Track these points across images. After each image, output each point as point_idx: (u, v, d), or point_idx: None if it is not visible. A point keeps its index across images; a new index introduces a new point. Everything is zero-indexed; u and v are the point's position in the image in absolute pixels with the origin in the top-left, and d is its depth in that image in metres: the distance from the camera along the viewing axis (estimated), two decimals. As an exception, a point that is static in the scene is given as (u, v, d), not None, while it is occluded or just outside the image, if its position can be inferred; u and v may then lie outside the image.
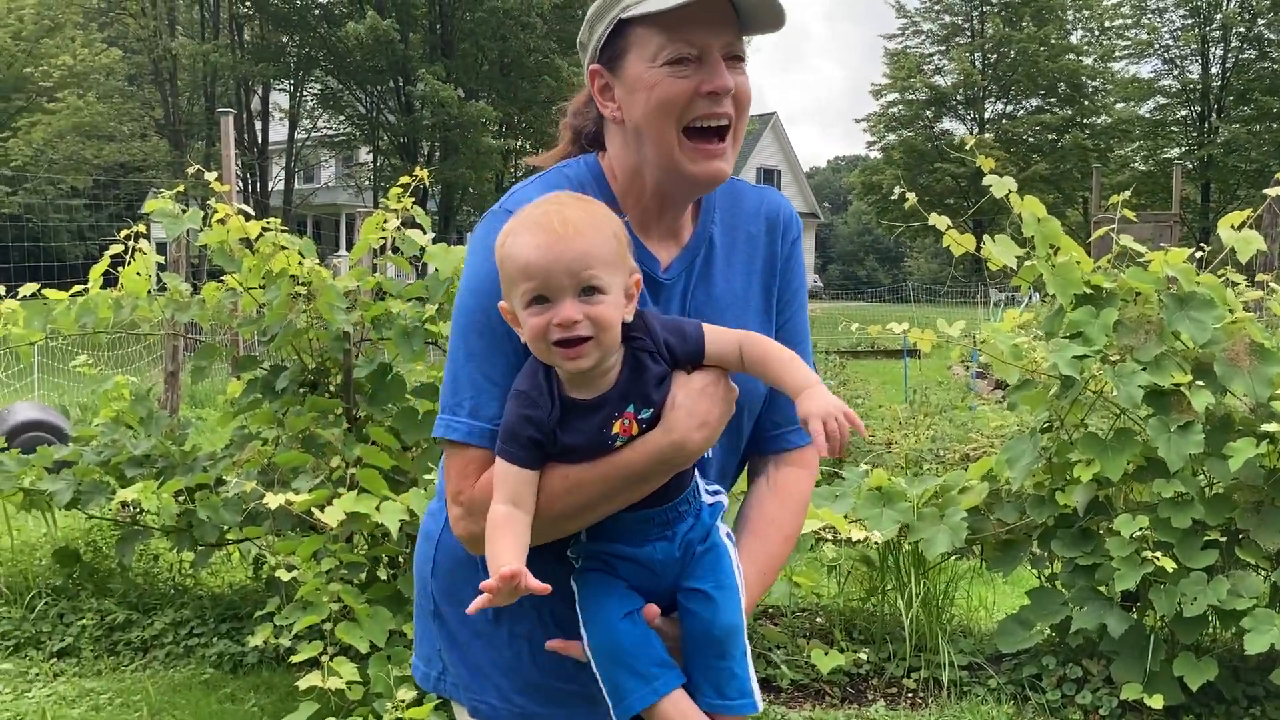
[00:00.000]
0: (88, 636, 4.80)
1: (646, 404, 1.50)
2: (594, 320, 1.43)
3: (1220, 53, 45.77)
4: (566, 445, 1.50)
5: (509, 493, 1.49)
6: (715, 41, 1.54)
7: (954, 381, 12.88)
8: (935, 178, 47.62)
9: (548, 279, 1.43)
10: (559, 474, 1.51)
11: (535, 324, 1.44)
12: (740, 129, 1.60)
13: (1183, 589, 3.84)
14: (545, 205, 1.49)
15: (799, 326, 1.76)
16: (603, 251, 1.45)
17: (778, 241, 1.74)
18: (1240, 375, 3.83)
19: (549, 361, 1.48)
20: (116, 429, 5.21)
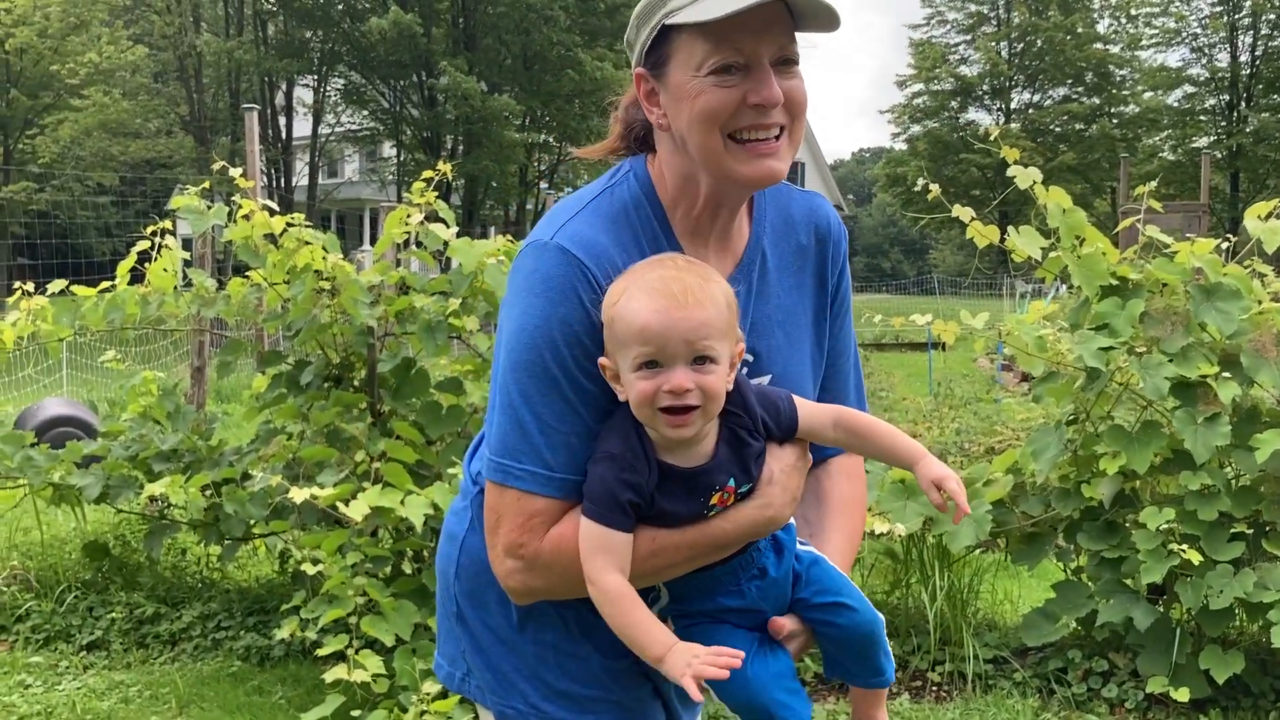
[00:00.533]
0: (117, 630, 4.86)
1: (746, 479, 1.51)
2: (704, 390, 1.43)
3: (1249, 40, 45.26)
4: (664, 516, 1.48)
5: (618, 562, 1.46)
6: (765, 49, 1.46)
7: (979, 374, 12.81)
8: (961, 169, 47.39)
9: (664, 345, 1.41)
10: (645, 536, 1.48)
11: (644, 388, 1.43)
12: (797, 133, 1.54)
13: (1209, 582, 3.82)
14: (663, 270, 1.46)
15: (845, 338, 1.77)
16: (718, 322, 1.44)
17: (828, 255, 1.71)
18: (1267, 366, 3.80)
19: (651, 425, 1.47)
20: (144, 424, 5.26)
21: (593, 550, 1.46)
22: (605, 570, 1.45)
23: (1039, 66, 49.51)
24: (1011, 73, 49.93)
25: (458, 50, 35.03)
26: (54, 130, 36.69)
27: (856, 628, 1.54)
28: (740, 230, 1.63)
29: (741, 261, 1.62)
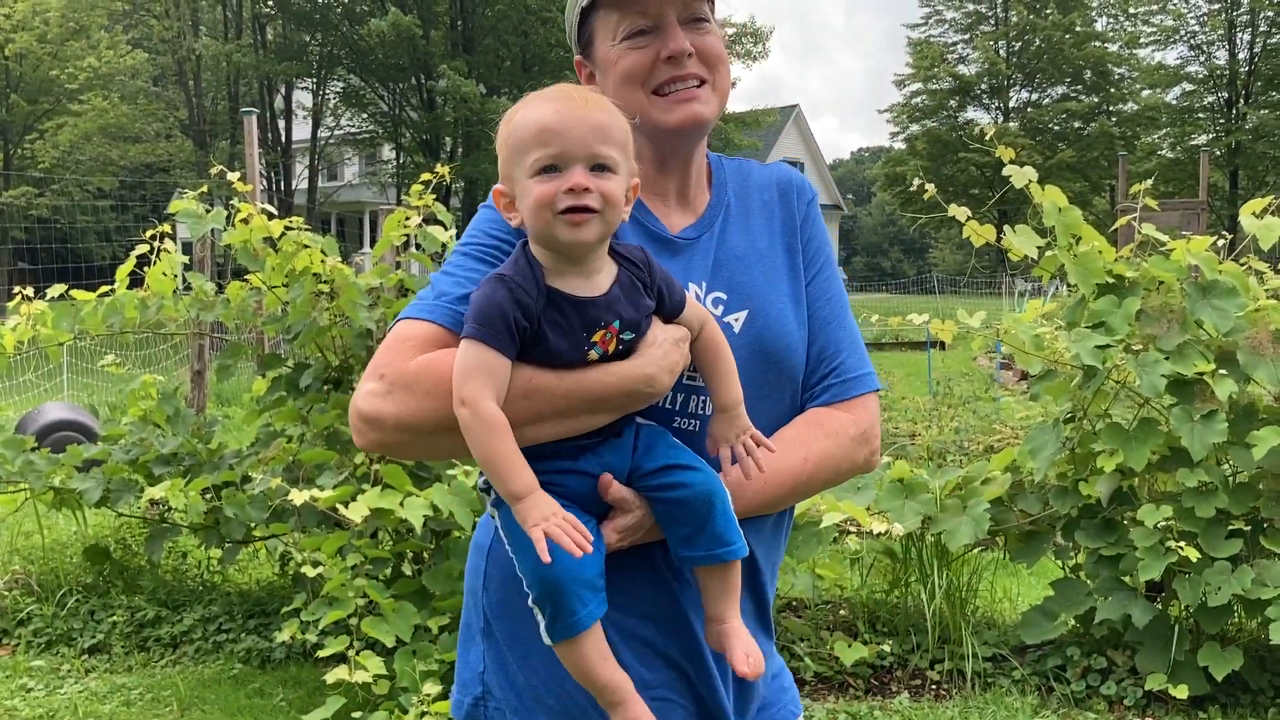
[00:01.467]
0: (118, 633, 4.87)
1: (631, 327, 1.45)
2: (603, 194, 1.40)
3: (1248, 37, 45.27)
4: (546, 346, 1.41)
5: (497, 386, 1.39)
6: (669, 9, 1.58)
7: (979, 373, 12.82)
8: (959, 168, 47.40)
9: (564, 146, 1.40)
10: (522, 374, 1.41)
11: (543, 191, 1.40)
12: (719, 82, 1.62)
13: (1207, 579, 3.83)
14: (562, 85, 1.48)
15: (830, 287, 1.71)
16: (617, 133, 1.43)
17: (793, 204, 1.73)
18: (1264, 363, 3.80)
19: (546, 234, 1.41)
20: (144, 428, 5.27)
21: (470, 371, 1.38)
22: (482, 395, 1.37)
23: (1037, 65, 49.52)
24: (1010, 71, 49.93)
25: (456, 53, 35.05)
26: (53, 135, 36.74)
27: (693, 489, 1.46)
28: (701, 193, 1.69)
29: (704, 215, 1.67)
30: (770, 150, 51.26)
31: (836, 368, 1.65)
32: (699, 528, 1.46)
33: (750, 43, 37.04)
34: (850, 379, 1.66)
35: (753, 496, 1.55)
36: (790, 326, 1.63)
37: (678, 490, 1.46)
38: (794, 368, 1.63)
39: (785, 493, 1.59)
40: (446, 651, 3.91)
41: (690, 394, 1.56)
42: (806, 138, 55.34)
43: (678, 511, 1.47)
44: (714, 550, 1.47)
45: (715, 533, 1.47)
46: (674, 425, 1.55)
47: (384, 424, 1.44)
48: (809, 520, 4.09)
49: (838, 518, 4.05)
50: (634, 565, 1.51)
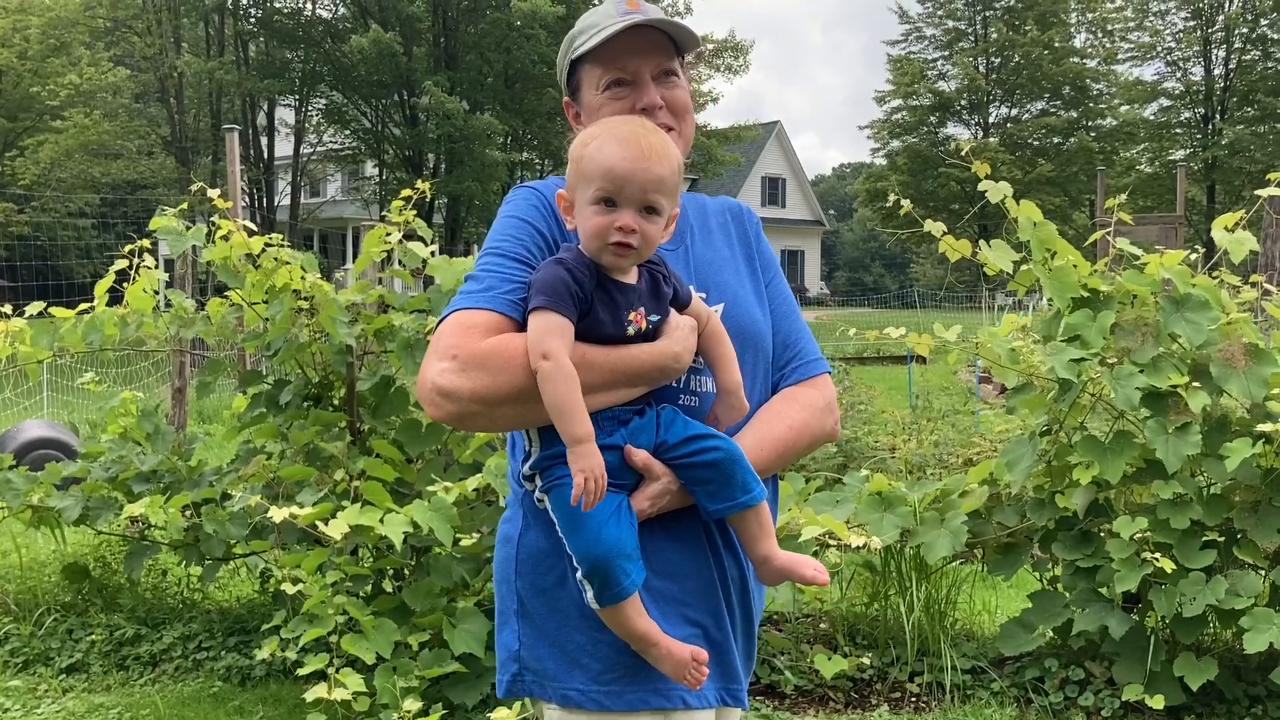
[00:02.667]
0: (97, 652, 4.84)
1: (656, 311, 1.73)
2: (644, 235, 1.68)
3: (1223, 54, 45.72)
4: (596, 317, 1.68)
5: (570, 345, 1.64)
6: (645, 65, 1.88)
7: (959, 387, 12.87)
8: (940, 183, 47.63)
9: (623, 189, 1.67)
10: (575, 349, 1.65)
11: (599, 222, 1.67)
12: (684, 129, 1.92)
13: (1182, 589, 3.86)
14: (634, 125, 1.74)
15: (783, 289, 2.04)
16: (671, 182, 1.71)
17: (745, 224, 2.06)
18: (1236, 376, 3.85)
19: (596, 255, 1.70)
20: (124, 445, 5.25)
21: (547, 332, 1.63)
22: (561, 350, 1.62)
23: (1016, 81, 49.85)
24: (989, 87, 50.25)
25: (439, 69, 35.09)
26: (34, 152, 36.56)
27: (716, 452, 1.72)
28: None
29: (674, 234, 1.90)
30: (752, 166, 51.46)
31: (799, 353, 1.97)
32: (725, 483, 1.72)
33: (731, 56, 37.21)
34: (811, 361, 1.98)
35: (754, 460, 1.78)
36: (758, 315, 1.94)
37: (707, 454, 1.72)
38: (766, 349, 1.93)
39: (776, 457, 1.87)
40: (427, 668, 3.91)
41: (693, 374, 1.82)
42: (788, 153, 55.58)
43: (707, 474, 1.72)
44: (739, 499, 1.73)
45: (739, 483, 1.72)
46: (680, 402, 1.79)
47: (460, 396, 1.66)
48: (788, 534, 4.11)
49: (817, 531, 4.07)
50: (661, 531, 1.74)
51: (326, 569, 3.96)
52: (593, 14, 1.92)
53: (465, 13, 35.57)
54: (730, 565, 1.82)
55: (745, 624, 1.88)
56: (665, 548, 1.76)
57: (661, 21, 1.88)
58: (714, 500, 1.73)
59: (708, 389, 1.82)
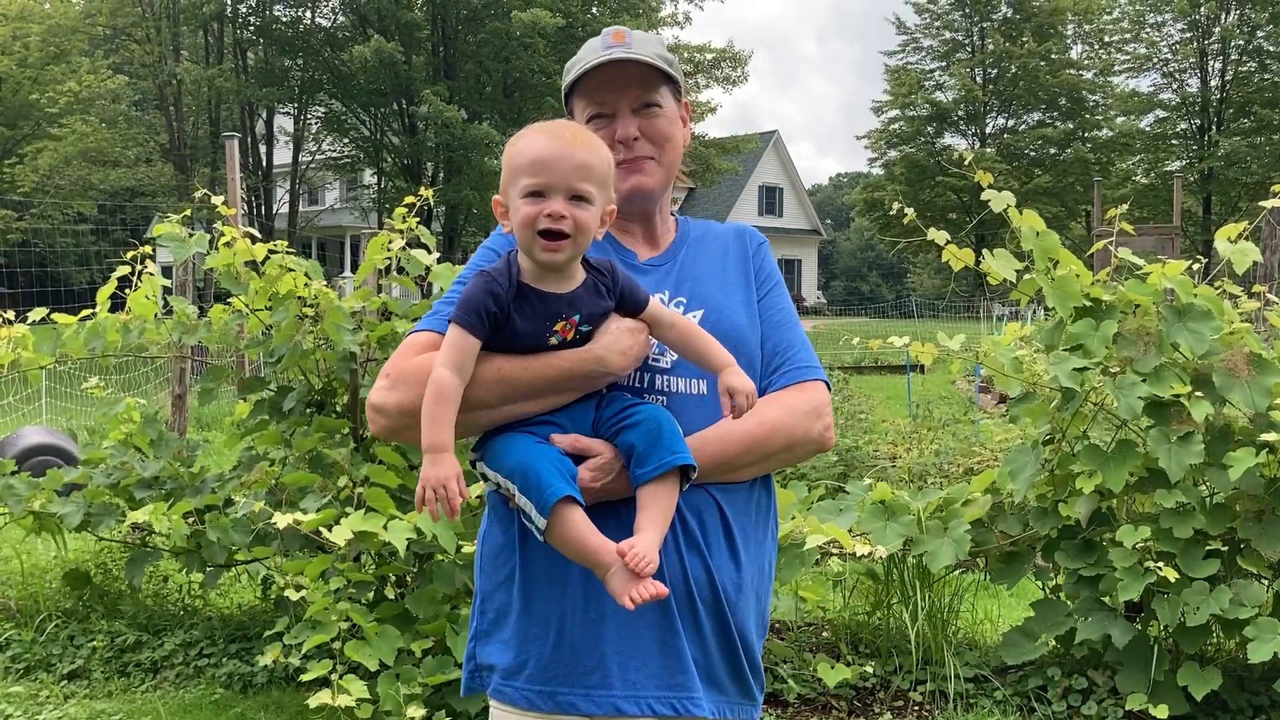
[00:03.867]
0: (98, 658, 4.83)
1: (588, 321, 1.75)
2: (576, 222, 1.69)
3: (1219, 65, 45.85)
4: (514, 329, 1.71)
5: (457, 359, 1.69)
6: (622, 99, 1.94)
7: (958, 396, 12.89)
8: (937, 193, 47.73)
9: (550, 177, 1.69)
10: (491, 364, 1.72)
11: (528, 211, 1.69)
12: (666, 157, 1.98)
13: (1185, 599, 3.86)
14: (560, 121, 1.80)
15: (781, 302, 2.03)
16: (598, 170, 1.73)
17: (746, 243, 2.09)
18: (1239, 386, 3.85)
19: (528, 248, 1.71)
20: (125, 451, 5.25)
21: (447, 345, 1.71)
22: (444, 363, 1.69)
23: (1013, 92, 49.96)
24: (986, 98, 50.37)
25: (438, 78, 35.13)
26: (33, 159, 36.56)
27: (644, 412, 1.74)
28: (667, 235, 2.06)
29: (667, 250, 2.02)
30: (749, 175, 51.50)
31: (790, 358, 1.96)
32: (652, 444, 1.70)
33: (729, 67, 37.28)
34: (801, 367, 1.95)
35: (714, 451, 1.80)
36: (740, 319, 1.94)
37: (632, 417, 1.73)
38: (750, 355, 1.91)
39: (741, 450, 1.83)
40: (430, 675, 3.90)
41: (655, 373, 1.85)
42: (785, 163, 55.63)
43: (633, 435, 1.72)
44: (664, 459, 1.70)
45: (665, 444, 1.71)
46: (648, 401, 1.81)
47: (389, 411, 1.78)
48: (792, 542, 4.11)
49: (820, 540, 4.07)
50: (615, 525, 1.72)
51: (330, 575, 3.95)
52: (585, 46, 2.00)
53: (465, 22, 35.62)
54: (694, 566, 1.78)
55: (720, 633, 1.81)
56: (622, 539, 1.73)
57: (633, 58, 1.93)
58: (639, 464, 1.71)
59: (679, 389, 1.84)
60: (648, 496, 1.71)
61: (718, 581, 1.80)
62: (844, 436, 7.79)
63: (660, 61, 1.95)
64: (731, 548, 1.83)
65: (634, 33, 1.96)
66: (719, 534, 1.82)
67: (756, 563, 1.89)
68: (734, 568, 1.83)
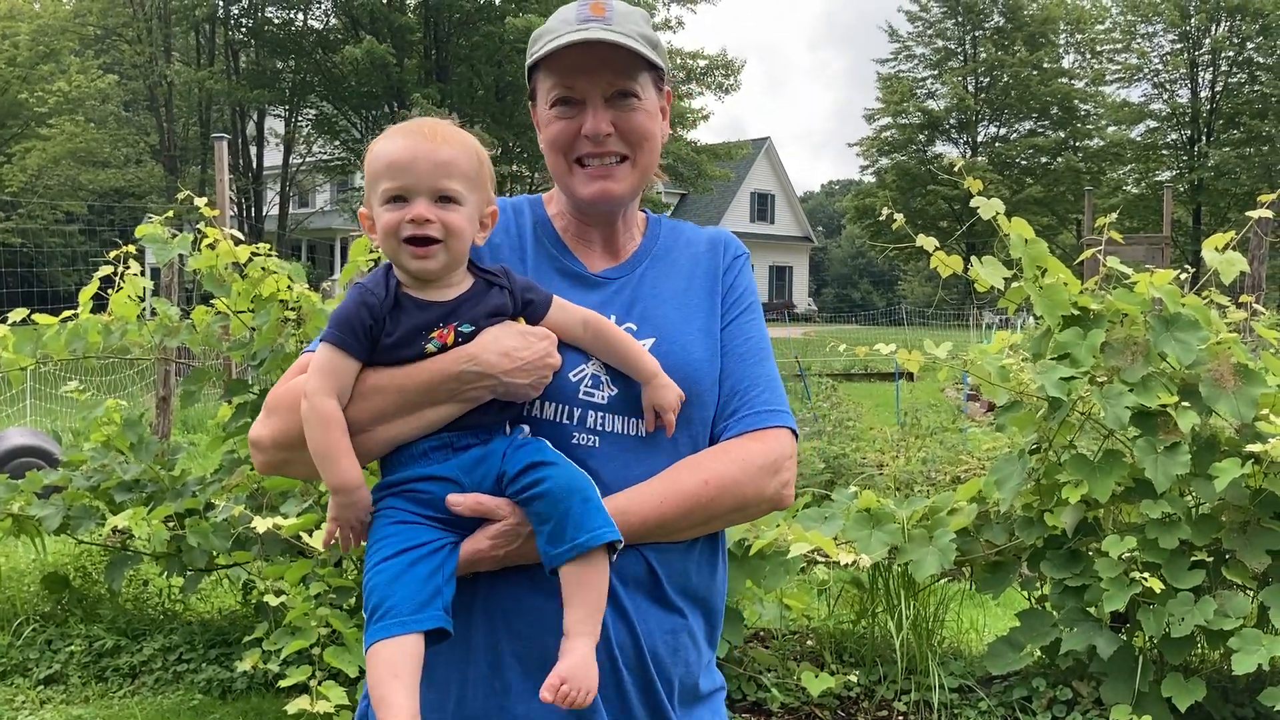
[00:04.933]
0: (75, 663, 4.78)
1: (471, 323, 1.54)
2: (446, 225, 1.50)
3: (1209, 77, 46.10)
4: (388, 339, 1.51)
5: (337, 385, 1.49)
6: (595, 86, 1.65)
7: (946, 404, 12.89)
8: (928, 200, 47.90)
9: (407, 178, 1.50)
10: (362, 377, 1.51)
11: (389, 219, 1.51)
12: (641, 158, 1.70)
13: (1170, 609, 3.85)
14: (421, 119, 1.58)
15: (750, 330, 1.77)
16: (464, 166, 1.53)
17: (719, 256, 1.80)
18: (1225, 396, 3.84)
19: (396, 258, 1.53)
20: (107, 454, 5.20)
21: (315, 369, 1.50)
22: (322, 391, 1.48)
23: (1005, 101, 50.19)
24: (978, 107, 50.58)
25: (430, 81, 35.11)
26: (22, 159, 36.44)
27: (553, 480, 1.49)
28: (630, 243, 1.79)
29: (627, 261, 1.76)
30: (741, 182, 51.58)
31: (750, 401, 1.69)
32: (561, 520, 1.47)
33: (722, 75, 37.31)
34: (762, 411, 1.68)
35: (649, 514, 1.56)
36: (697, 353, 1.69)
37: (539, 486, 1.49)
38: (702, 394, 1.67)
39: (682, 513, 1.58)
40: (410, 682, 3.86)
41: (587, 409, 1.60)
42: (777, 169, 55.75)
43: (540, 507, 1.49)
44: (577, 539, 1.46)
45: (577, 521, 1.47)
46: (572, 441, 1.58)
47: (264, 445, 1.57)
48: (776, 550, 4.09)
49: (805, 548, 4.05)
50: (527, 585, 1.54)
51: (310, 580, 3.92)
52: (558, 13, 1.69)
53: (457, 25, 35.62)
54: (619, 631, 1.56)
55: (644, 693, 1.59)
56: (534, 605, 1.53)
57: (615, 39, 1.63)
58: (550, 544, 1.47)
59: (613, 428, 1.60)
60: (570, 579, 1.48)
61: (644, 646, 1.59)
62: (831, 444, 7.77)
63: (643, 45, 1.65)
64: (665, 603, 1.62)
65: (616, 4, 1.67)
66: (649, 593, 1.61)
67: (697, 607, 1.68)
68: (667, 620, 1.62)
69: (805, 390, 12.99)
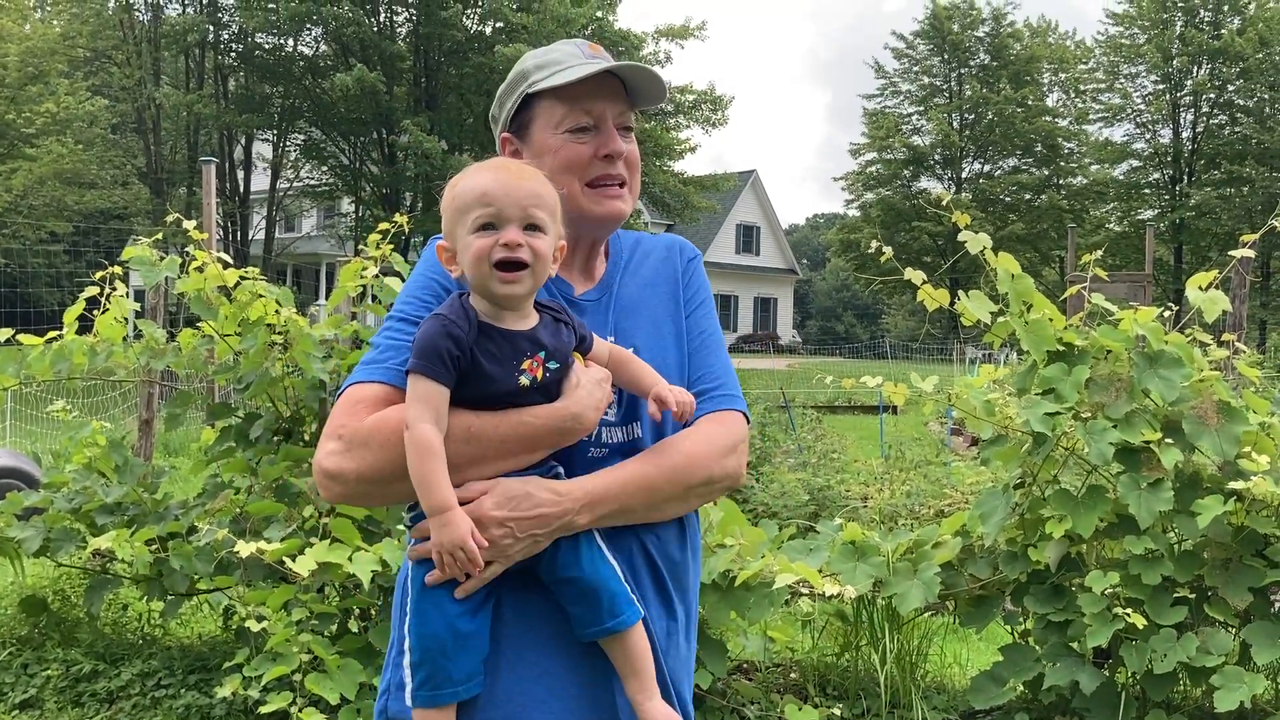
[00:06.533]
0: (52, 688, 4.73)
1: (555, 358, 1.65)
2: (534, 250, 1.61)
3: (1190, 118, 46.65)
4: (480, 373, 1.59)
5: (434, 412, 1.57)
6: (610, 111, 1.83)
7: (930, 437, 12.92)
8: (912, 236, 48.20)
9: (502, 207, 1.60)
10: (460, 421, 1.60)
11: (481, 245, 1.60)
12: (635, 185, 1.88)
13: (1153, 645, 3.85)
14: (501, 158, 1.73)
15: (705, 324, 1.94)
16: (548, 201, 1.66)
17: (676, 260, 1.98)
18: (1208, 433, 3.87)
19: (483, 285, 1.62)
20: (89, 476, 5.17)
21: (413, 399, 1.58)
22: (421, 419, 1.56)
23: (989, 138, 50.63)
24: (963, 143, 50.99)
25: (419, 109, 35.20)
26: (8, 179, 36.31)
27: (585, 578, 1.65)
28: (599, 264, 1.94)
29: (602, 281, 1.91)
30: (728, 213, 51.80)
31: (711, 387, 1.87)
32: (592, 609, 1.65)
33: (710, 109, 37.52)
34: (722, 395, 1.87)
35: (640, 483, 1.73)
36: (669, 358, 1.86)
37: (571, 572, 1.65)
38: None
39: (666, 479, 1.76)
40: (391, 710, 3.83)
41: (602, 426, 1.75)
42: (763, 202, 56.01)
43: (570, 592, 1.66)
44: (606, 624, 1.64)
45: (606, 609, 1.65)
46: (589, 455, 1.74)
47: (346, 478, 1.64)
48: (761, 581, 4.08)
49: (790, 579, 4.04)
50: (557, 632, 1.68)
51: (292, 606, 3.89)
52: (551, 51, 1.86)
53: (448, 55, 35.76)
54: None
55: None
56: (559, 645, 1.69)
57: (637, 71, 1.83)
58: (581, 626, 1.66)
59: (618, 439, 1.77)
60: (611, 650, 1.67)
61: (651, 632, 1.75)
62: (815, 475, 7.78)
63: (657, 82, 1.85)
64: (663, 595, 1.79)
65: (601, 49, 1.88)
66: (650, 583, 1.78)
67: (685, 606, 1.85)
68: (665, 615, 1.79)
69: (790, 421, 13.00)
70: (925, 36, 51.55)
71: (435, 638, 1.59)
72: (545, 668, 1.67)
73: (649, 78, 1.84)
